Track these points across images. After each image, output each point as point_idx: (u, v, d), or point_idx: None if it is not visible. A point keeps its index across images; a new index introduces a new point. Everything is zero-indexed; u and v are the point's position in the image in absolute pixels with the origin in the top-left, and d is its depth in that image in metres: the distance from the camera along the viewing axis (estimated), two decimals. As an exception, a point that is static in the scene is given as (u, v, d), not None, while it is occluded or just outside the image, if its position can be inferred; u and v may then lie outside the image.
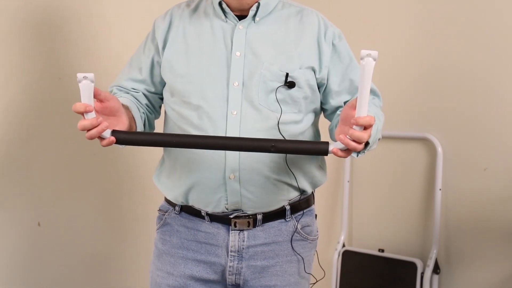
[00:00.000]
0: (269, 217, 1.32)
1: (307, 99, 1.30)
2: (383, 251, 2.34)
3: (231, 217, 1.30)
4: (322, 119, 1.42)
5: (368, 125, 1.06)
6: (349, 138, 1.07)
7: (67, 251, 1.85)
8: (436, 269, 2.18)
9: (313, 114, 1.36)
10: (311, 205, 1.41)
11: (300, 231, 1.36)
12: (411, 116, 2.28)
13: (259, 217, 1.31)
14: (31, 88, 1.71)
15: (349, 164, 2.47)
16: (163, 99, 1.40)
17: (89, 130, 1.09)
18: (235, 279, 1.33)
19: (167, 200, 1.40)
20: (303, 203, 1.37)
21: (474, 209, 2.13)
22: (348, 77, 1.33)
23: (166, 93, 1.36)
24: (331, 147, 1.11)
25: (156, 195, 1.54)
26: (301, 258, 1.37)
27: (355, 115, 1.06)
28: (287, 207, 1.33)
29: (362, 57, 1.03)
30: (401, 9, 2.29)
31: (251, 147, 1.13)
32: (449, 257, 2.20)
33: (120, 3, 1.98)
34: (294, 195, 1.34)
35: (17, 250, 1.71)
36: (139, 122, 1.32)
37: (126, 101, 1.30)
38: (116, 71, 1.75)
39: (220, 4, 1.30)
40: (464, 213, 2.16)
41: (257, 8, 1.29)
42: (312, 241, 1.40)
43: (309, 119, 1.34)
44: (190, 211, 1.34)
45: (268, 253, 1.33)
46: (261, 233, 1.32)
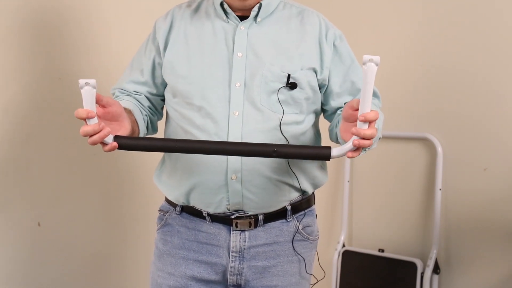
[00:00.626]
0: (270, 217, 1.32)
1: (308, 100, 1.30)
2: (383, 251, 2.34)
3: (233, 217, 1.30)
4: (322, 120, 1.42)
5: (375, 119, 1.07)
6: (359, 138, 1.07)
7: (67, 251, 1.85)
8: (436, 269, 2.18)
9: (314, 114, 1.36)
10: (312, 205, 1.41)
11: (301, 231, 1.36)
12: (411, 116, 2.28)
13: (260, 218, 1.31)
14: (31, 88, 1.71)
15: (349, 164, 2.47)
16: (165, 100, 1.39)
17: (91, 136, 1.09)
18: (236, 279, 1.32)
19: (167, 200, 1.40)
20: (304, 203, 1.37)
21: (474, 209, 2.13)
22: (349, 78, 1.33)
23: (168, 94, 1.35)
24: (333, 151, 1.11)
25: (156, 195, 1.53)
26: (302, 258, 1.37)
27: (359, 114, 1.06)
28: (288, 208, 1.33)
29: (364, 62, 1.03)
30: (401, 10, 2.29)
31: (253, 152, 1.12)
32: (449, 257, 2.20)
33: (119, 3, 1.97)
34: (295, 195, 1.34)
35: (17, 250, 1.71)
36: (142, 125, 1.32)
37: (128, 105, 1.30)
38: (115, 71, 1.75)
39: (221, 4, 1.30)
40: (464, 213, 2.16)
41: (259, 8, 1.29)
42: (313, 241, 1.40)
43: (310, 119, 1.34)
44: (191, 211, 1.34)
45: (269, 254, 1.33)
46: (262, 234, 1.32)
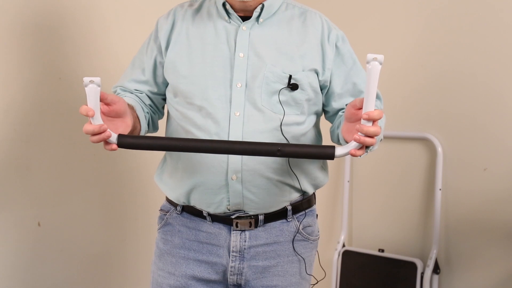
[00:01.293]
0: (271, 217, 1.32)
1: (309, 101, 1.30)
2: (383, 251, 2.34)
3: (233, 217, 1.30)
4: (323, 120, 1.42)
5: (379, 118, 1.07)
6: (362, 135, 1.07)
7: (67, 251, 1.85)
8: (436, 269, 2.18)
9: (315, 115, 1.36)
10: (313, 205, 1.41)
11: (301, 231, 1.36)
12: (411, 116, 2.28)
13: (261, 218, 1.31)
14: (32, 88, 1.71)
15: (349, 164, 2.47)
16: (166, 99, 1.39)
17: (92, 135, 1.10)
18: (237, 279, 1.33)
19: (168, 200, 1.40)
20: (304, 204, 1.37)
21: (474, 209, 2.13)
22: (351, 80, 1.33)
23: (169, 93, 1.35)
24: (337, 150, 1.11)
25: (157, 195, 1.54)
26: (302, 258, 1.37)
27: (362, 113, 1.06)
28: (289, 208, 1.33)
29: (368, 61, 1.03)
30: (403, 11, 2.29)
31: (257, 151, 1.12)
32: (449, 257, 2.20)
33: (119, 4, 1.97)
34: (295, 196, 1.34)
35: (18, 250, 1.70)
36: (143, 121, 1.32)
37: (130, 101, 1.30)
38: (115, 70, 1.76)
39: (223, 5, 1.30)
40: (464, 213, 2.16)
41: (261, 9, 1.29)
42: (313, 241, 1.40)
43: (311, 120, 1.33)
44: (191, 211, 1.34)
45: (269, 253, 1.33)
46: (262, 234, 1.32)
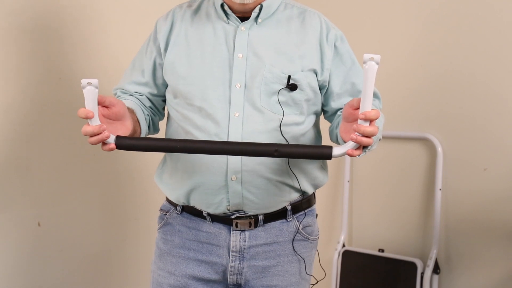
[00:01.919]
0: (271, 217, 1.32)
1: (308, 101, 1.30)
2: (383, 251, 2.34)
3: (233, 217, 1.30)
4: (322, 120, 1.42)
5: (376, 118, 1.07)
6: (359, 135, 1.07)
7: (67, 251, 1.85)
8: (436, 269, 2.18)
9: (315, 115, 1.36)
10: (312, 205, 1.41)
11: (301, 231, 1.36)
12: (411, 116, 2.28)
13: (261, 218, 1.31)
14: (32, 88, 1.71)
15: (349, 164, 2.47)
16: (166, 100, 1.39)
17: (91, 136, 1.10)
18: (237, 279, 1.33)
19: (168, 200, 1.40)
20: (304, 203, 1.37)
21: (474, 209, 2.13)
22: (350, 79, 1.33)
23: (169, 94, 1.35)
24: (335, 150, 1.11)
25: (157, 195, 1.54)
26: (302, 258, 1.37)
27: (359, 113, 1.06)
28: (289, 208, 1.34)
29: (365, 61, 1.03)
30: (402, 10, 2.29)
31: (255, 152, 1.12)
32: (449, 257, 2.20)
33: (118, 4, 1.97)
34: (295, 196, 1.34)
35: (18, 250, 1.71)
36: (144, 124, 1.32)
37: (130, 104, 1.30)
38: (115, 71, 1.76)
39: (222, 6, 1.30)
40: (464, 213, 2.16)
41: (260, 10, 1.29)
42: (313, 241, 1.40)
43: (310, 120, 1.34)
44: (191, 211, 1.34)
45: (269, 253, 1.33)
46: (262, 233, 1.32)
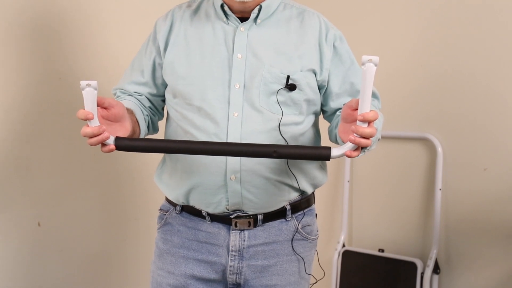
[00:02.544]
0: (270, 217, 1.32)
1: (308, 101, 1.31)
2: (383, 251, 2.34)
3: (232, 217, 1.30)
4: (322, 120, 1.42)
5: (374, 119, 1.07)
6: (358, 136, 1.07)
7: (67, 251, 1.85)
8: (436, 269, 2.18)
9: (314, 115, 1.36)
10: (312, 204, 1.42)
11: (300, 230, 1.36)
12: (411, 116, 2.28)
13: (260, 217, 1.31)
14: (32, 88, 1.71)
15: (349, 164, 2.47)
16: (165, 100, 1.40)
17: (91, 138, 1.09)
18: (236, 278, 1.33)
19: (168, 199, 1.40)
20: (303, 203, 1.37)
21: (474, 209, 2.13)
22: (349, 79, 1.33)
23: (168, 94, 1.36)
24: (333, 151, 1.11)
25: (156, 195, 1.54)
26: (301, 257, 1.37)
27: (358, 113, 1.06)
28: (288, 207, 1.34)
29: (363, 62, 1.03)
30: (402, 11, 2.29)
31: (253, 153, 1.13)
32: (449, 257, 2.20)
33: (118, 4, 1.97)
34: (294, 195, 1.34)
35: (18, 250, 1.71)
36: (143, 125, 1.33)
37: (130, 104, 1.31)
38: (115, 71, 1.76)
39: (221, 6, 1.30)
40: (464, 213, 2.16)
41: (259, 10, 1.29)
42: (312, 240, 1.40)
43: (309, 120, 1.34)
44: (191, 211, 1.35)
45: (268, 253, 1.33)
46: (261, 233, 1.32)
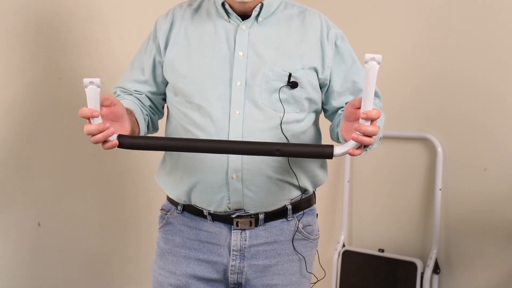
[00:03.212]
0: (271, 216, 1.32)
1: (309, 99, 1.31)
2: (383, 251, 2.34)
3: (233, 216, 1.30)
4: (322, 119, 1.42)
5: (377, 117, 1.07)
6: (361, 134, 1.07)
7: (67, 251, 1.85)
8: (436, 269, 2.18)
9: (315, 113, 1.36)
10: (313, 204, 1.42)
11: (301, 230, 1.36)
12: (411, 116, 2.28)
13: (261, 217, 1.31)
14: (32, 88, 1.71)
15: (349, 164, 2.47)
16: (166, 99, 1.40)
17: (95, 135, 1.09)
18: (237, 278, 1.33)
19: (169, 199, 1.40)
20: (304, 203, 1.37)
21: (474, 209, 2.13)
22: (350, 78, 1.34)
23: (169, 92, 1.36)
24: (336, 149, 1.11)
25: (158, 194, 1.54)
26: (303, 257, 1.37)
27: (361, 112, 1.07)
28: (289, 207, 1.34)
29: (366, 60, 1.03)
30: (403, 10, 2.29)
31: (256, 151, 1.12)
32: (449, 257, 2.20)
33: (119, 4, 1.97)
34: (295, 194, 1.34)
35: (18, 250, 1.71)
36: (142, 124, 1.32)
37: (129, 104, 1.30)
38: (115, 70, 1.76)
39: (223, 5, 1.30)
40: (464, 213, 2.16)
41: (260, 8, 1.29)
42: (313, 240, 1.41)
43: (310, 118, 1.34)
44: (192, 210, 1.35)
45: (270, 252, 1.33)
46: (263, 233, 1.32)
